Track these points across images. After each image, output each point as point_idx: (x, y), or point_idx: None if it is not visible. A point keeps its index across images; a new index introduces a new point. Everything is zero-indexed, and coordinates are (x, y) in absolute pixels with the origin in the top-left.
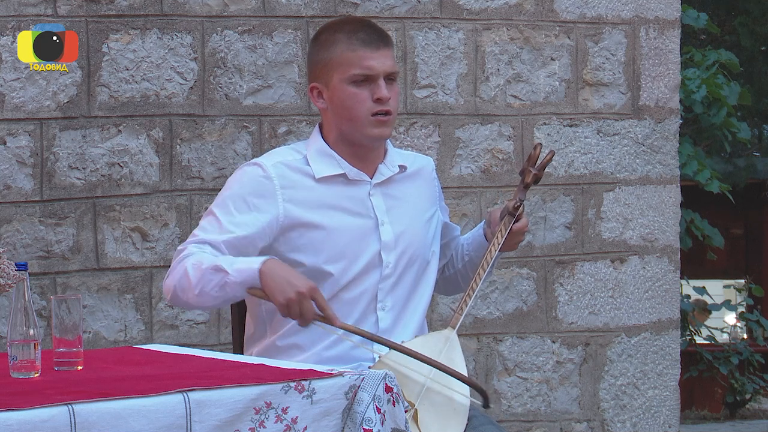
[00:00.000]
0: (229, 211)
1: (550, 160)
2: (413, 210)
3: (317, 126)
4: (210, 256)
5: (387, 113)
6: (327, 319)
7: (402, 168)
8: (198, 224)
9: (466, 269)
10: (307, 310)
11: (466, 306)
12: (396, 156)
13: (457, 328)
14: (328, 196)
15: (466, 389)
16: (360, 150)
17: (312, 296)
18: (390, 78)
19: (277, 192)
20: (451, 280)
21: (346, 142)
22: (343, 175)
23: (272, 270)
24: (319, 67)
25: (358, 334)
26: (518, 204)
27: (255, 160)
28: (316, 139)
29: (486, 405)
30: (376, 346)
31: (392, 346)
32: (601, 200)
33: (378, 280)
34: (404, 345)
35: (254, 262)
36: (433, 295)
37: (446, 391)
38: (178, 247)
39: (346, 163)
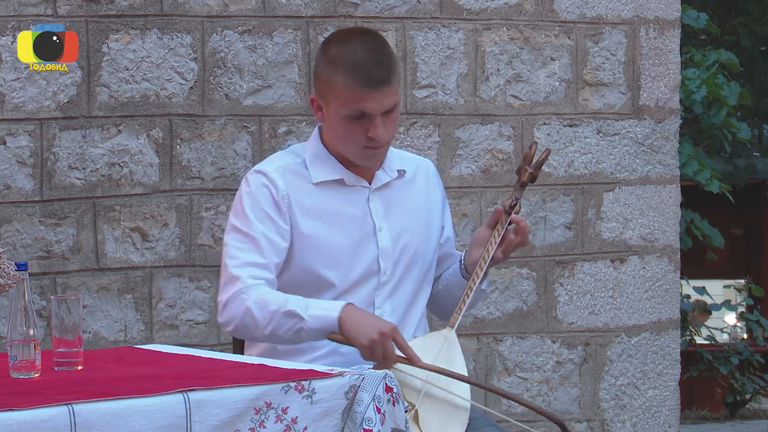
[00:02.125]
0: (254, 225)
1: (546, 158)
2: (413, 213)
3: (317, 128)
4: (270, 291)
5: (378, 147)
6: (409, 361)
7: (400, 172)
8: (225, 243)
9: (442, 294)
10: (389, 350)
11: (465, 305)
12: (395, 159)
13: (455, 328)
14: (326, 200)
15: (466, 391)
16: None
17: (393, 337)
18: (389, 110)
19: (283, 196)
20: (435, 299)
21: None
22: (341, 181)
23: (351, 315)
24: (321, 83)
25: (442, 374)
26: (514, 202)
27: (257, 167)
28: (315, 143)
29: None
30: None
31: (478, 385)
32: (601, 200)
33: (375, 287)
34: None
35: (332, 309)
36: None
37: (446, 393)
38: (230, 271)
39: (343, 168)
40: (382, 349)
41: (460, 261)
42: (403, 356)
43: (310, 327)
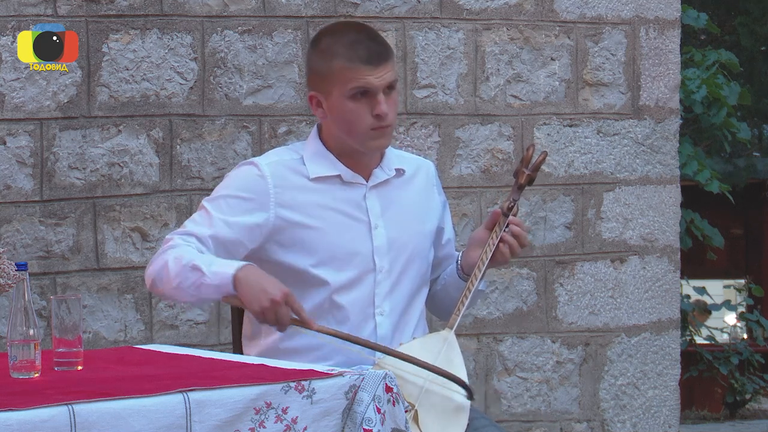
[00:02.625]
0: (221, 208)
1: (543, 160)
2: (410, 212)
3: (315, 127)
4: (193, 251)
5: (386, 126)
6: (303, 323)
7: (399, 171)
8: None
9: (439, 295)
10: (282, 316)
11: (464, 306)
12: (394, 159)
13: (454, 329)
14: (322, 197)
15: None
16: (357, 154)
17: (286, 302)
18: (390, 87)
19: (270, 192)
20: (432, 299)
21: (344, 147)
22: (338, 177)
23: (247, 277)
24: (318, 77)
25: (336, 337)
26: (512, 204)
27: (251, 159)
28: (313, 141)
29: (470, 397)
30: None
31: (368, 346)
32: (601, 200)
33: (373, 285)
34: (401, 347)
35: (230, 267)
36: None
37: (446, 392)
38: (166, 236)
39: (341, 164)
40: (275, 316)
41: (457, 262)
42: (297, 319)
43: (209, 282)
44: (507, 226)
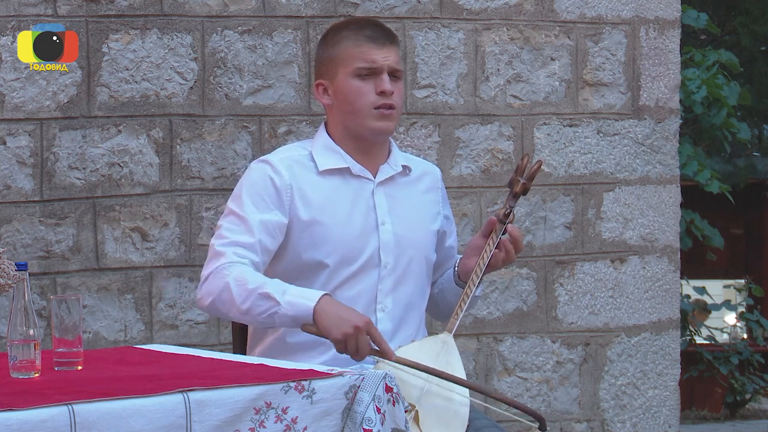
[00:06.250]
0: (249, 209)
1: (539, 169)
2: (416, 212)
3: (323, 124)
4: (251, 271)
5: (390, 107)
6: (382, 353)
7: (405, 168)
8: (218, 225)
9: (437, 298)
10: (363, 344)
11: (462, 310)
12: (400, 158)
13: (453, 332)
14: (331, 191)
15: (465, 390)
16: (364, 145)
17: (368, 330)
18: (394, 75)
19: (287, 187)
20: (430, 301)
21: (350, 137)
22: (347, 170)
23: (327, 307)
24: (325, 63)
25: (416, 369)
26: (508, 211)
27: (262, 157)
28: (321, 136)
29: (542, 428)
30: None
31: (449, 379)
32: (601, 200)
33: (377, 281)
34: (398, 351)
35: (308, 299)
36: None
37: (446, 393)
38: (215, 248)
39: (350, 158)
40: (356, 343)
41: (454, 268)
42: (377, 349)
43: (284, 313)
44: (503, 234)
